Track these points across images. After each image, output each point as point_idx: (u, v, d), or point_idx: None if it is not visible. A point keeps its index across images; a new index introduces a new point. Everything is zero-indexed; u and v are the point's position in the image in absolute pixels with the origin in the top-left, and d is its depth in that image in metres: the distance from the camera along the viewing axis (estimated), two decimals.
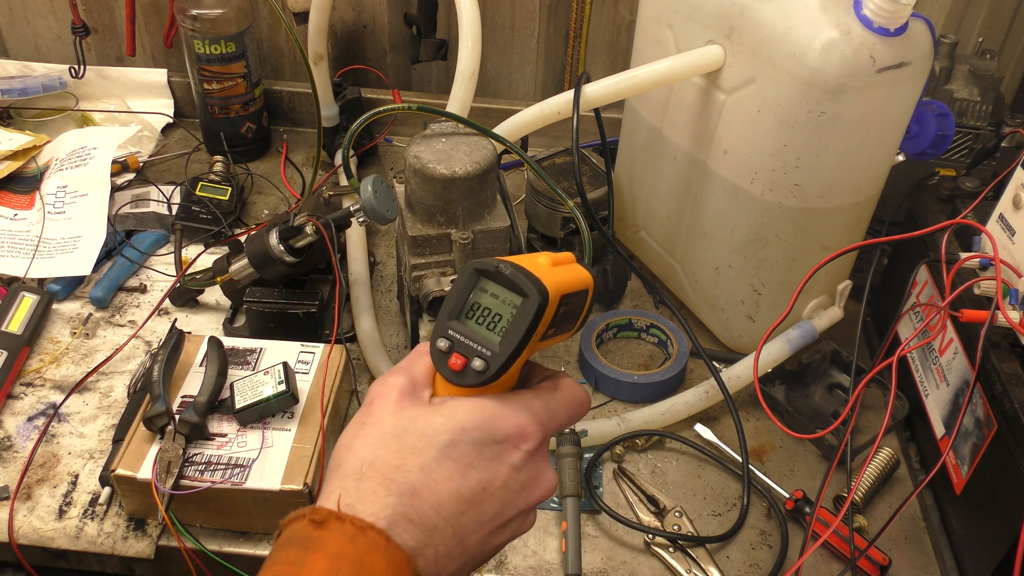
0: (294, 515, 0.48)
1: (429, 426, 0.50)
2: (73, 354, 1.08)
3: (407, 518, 0.47)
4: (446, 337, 0.51)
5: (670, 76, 0.96)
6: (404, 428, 0.50)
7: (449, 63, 1.42)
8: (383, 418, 0.51)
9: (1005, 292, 0.82)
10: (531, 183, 1.19)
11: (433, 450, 0.49)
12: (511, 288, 0.50)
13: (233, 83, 1.34)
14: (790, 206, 0.96)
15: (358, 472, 0.49)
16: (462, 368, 0.50)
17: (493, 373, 0.50)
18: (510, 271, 0.50)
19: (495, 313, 0.51)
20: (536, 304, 0.49)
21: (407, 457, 0.49)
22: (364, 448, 0.50)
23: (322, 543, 0.46)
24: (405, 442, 0.49)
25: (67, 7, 1.38)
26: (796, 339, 1.04)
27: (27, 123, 1.42)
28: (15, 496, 0.90)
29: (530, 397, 0.53)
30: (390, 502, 0.47)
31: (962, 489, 0.89)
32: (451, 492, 0.49)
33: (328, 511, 0.47)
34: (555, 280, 0.51)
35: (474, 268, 0.52)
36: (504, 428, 0.50)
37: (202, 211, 1.24)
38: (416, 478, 0.48)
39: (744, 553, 0.91)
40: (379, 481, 0.48)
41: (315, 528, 0.46)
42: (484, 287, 0.51)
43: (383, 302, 1.18)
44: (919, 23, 0.88)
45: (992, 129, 1.15)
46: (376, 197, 0.94)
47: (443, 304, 0.52)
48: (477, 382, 0.50)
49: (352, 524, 0.46)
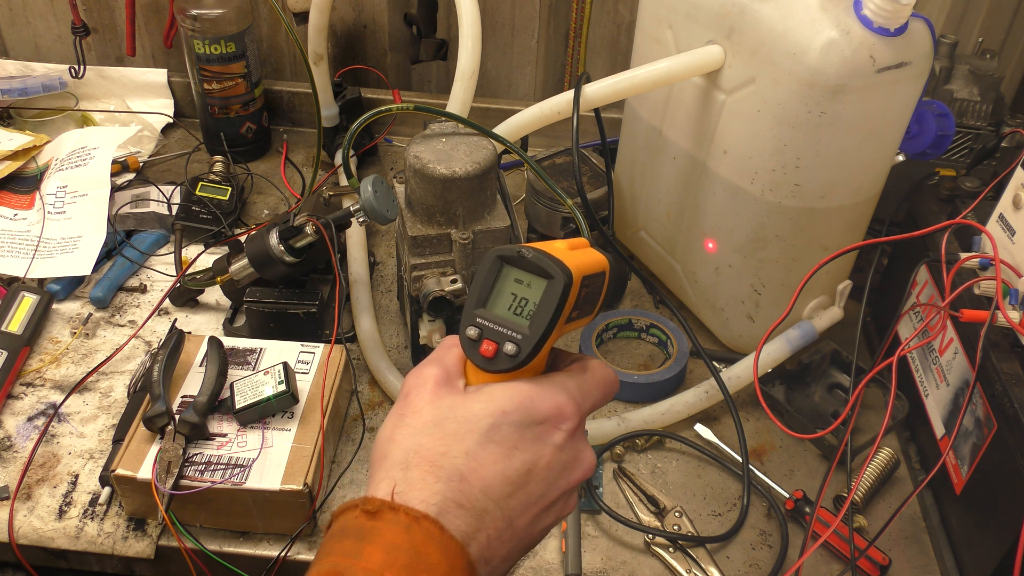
0: (346, 505, 0.48)
1: (469, 412, 0.50)
2: (73, 354, 1.08)
3: (457, 503, 0.47)
4: (475, 325, 0.52)
5: (670, 76, 0.96)
6: (444, 416, 0.51)
7: (449, 63, 1.42)
8: (422, 408, 0.51)
9: (1005, 292, 0.82)
10: (531, 183, 1.19)
11: (476, 435, 0.49)
12: (535, 271, 0.51)
13: (233, 83, 1.34)
14: (790, 206, 0.96)
15: (404, 461, 0.49)
16: (494, 354, 0.51)
17: (525, 356, 0.51)
18: (533, 255, 0.51)
19: (521, 298, 0.52)
20: (562, 284, 0.50)
21: (451, 443, 0.49)
22: (407, 438, 0.50)
23: (377, 534, 0.46)
24: (447, 429, 0.50)
25: (67, 7, 1.38)
26: (796, 339, 1.04)
27: (27, 123, 1.42)
28: (15, 496, 0.90)
29: (564, 378, 0.54)
30: (439, 488, 0.48)
31: (962, 489, 0.89)
32: (497, 475, 0.49)
33: (381, 501, 0.47)
34: (576, 262, 0.52)
35: (496, 255, 0.53)
36: (543, 409, 0.51)
37: (202, 211, 1.24)
38: (462, 463, 0.49)
39: (744, 553, 0.91)
40: (426, 468, 0.48)
41: (368, 519, 0.47)
42: (507, 274, 0.53)
43: (383, 302, 1.18)
44: (919, 23, 0.88)
45: (992, 129, 1.14)
46: (376, 197, 0.94)
47: (468, 294, 0.53)
48: (510, 366, 0.51)
49: (406, 514, 0.46)
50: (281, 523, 0.87)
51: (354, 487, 0.94)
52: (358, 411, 1.02)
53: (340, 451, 0.98)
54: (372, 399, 1.04)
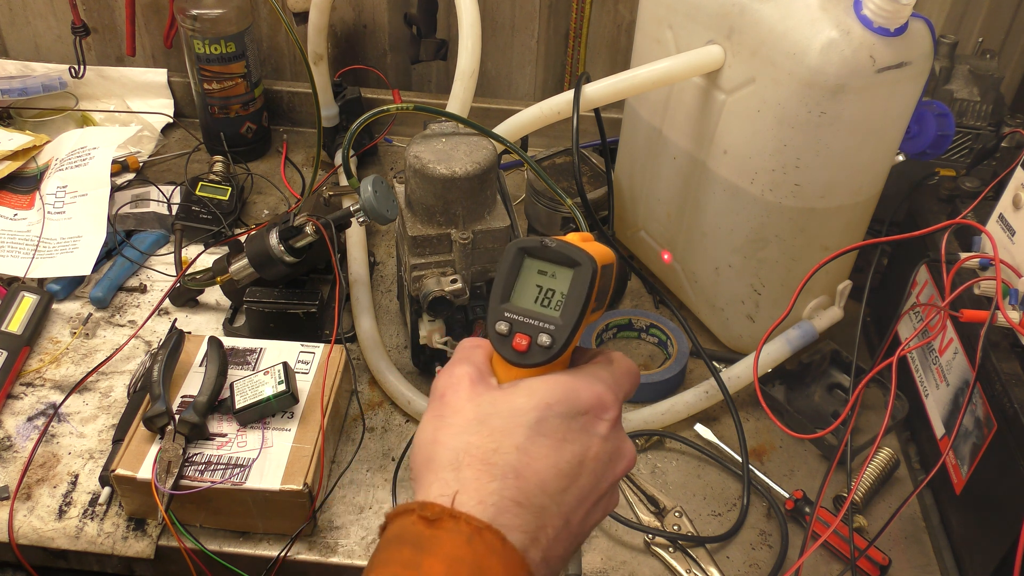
0: (401, 509, 0.46)
1: (513, 406, 0.49)
2: (73, 354, 1.08)
3: (515, 501, 0.46)
4: (504, 320, 0.51)
5: (670, 76, 0.96)
6: (488, 412, 0.49)
7: (449, 63, 1.42)
8: (462, 407, 0.50)
9: (1005, 292, 0.82)
10: (531, 183, 1.19)
11: (524, 429, 0.48)
12: (560, 261, 0.51)
13: (233, 83, 1.34)
14: (790, 206, 0.96)
15: (454, 462, 0.47)
16: (527, 347, 0.50)
17: (560, 346, 0.50)
18: (556, 244, 0.51)
19: (547, 289, 0.51)
20: (590, 271, 0.50)
21: (500, 439, 0.48)
22: (452, 438, 0.49)
23: (437, 544, 0.44)
24: (493, 425, 0.48)
25: (67, 7, 1.38)
26: (796, 339, 1.04)
27: (27, 123, 1.42)
28: (15, 496, 0.90)
29: (596, 368, 0.53)
30: (494, 487, 0.46)
31: (962, 489, 0.89)
32: (550, 468, 0.48)
33: (441, 508, 0.45)
34: (592, 252, 0.52)
35: (518, 248, 0.52)
36: (586, 399, 0.50)
37: (202, 211, 1.24)
38: (515, 459, 0.47)
39: (744, 553, 0.91)
40: (478, 468, 0.47)
41: (427, 526, 0.45)
42: (530, 266, 0.52)
43: (383, 302, 1.18)
44: (919, 23, 0.88)
45: (992, 129, 1.14)
46: (376, 197, 0.94)
47: (492, 289, 0.53)
48: (545, 359, 0.50)
49: (468, 524, 0.44)
50: (281, 523, 0.87)
51: (354, 487, 0.94)
52: (358, 411, 1.02)
53: (340, 451, 0.98)
54: (372, 399, 1.04)
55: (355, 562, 0.87)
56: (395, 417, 1.02)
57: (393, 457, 0.97)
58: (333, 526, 0.90)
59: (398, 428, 1.01)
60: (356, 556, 0.88)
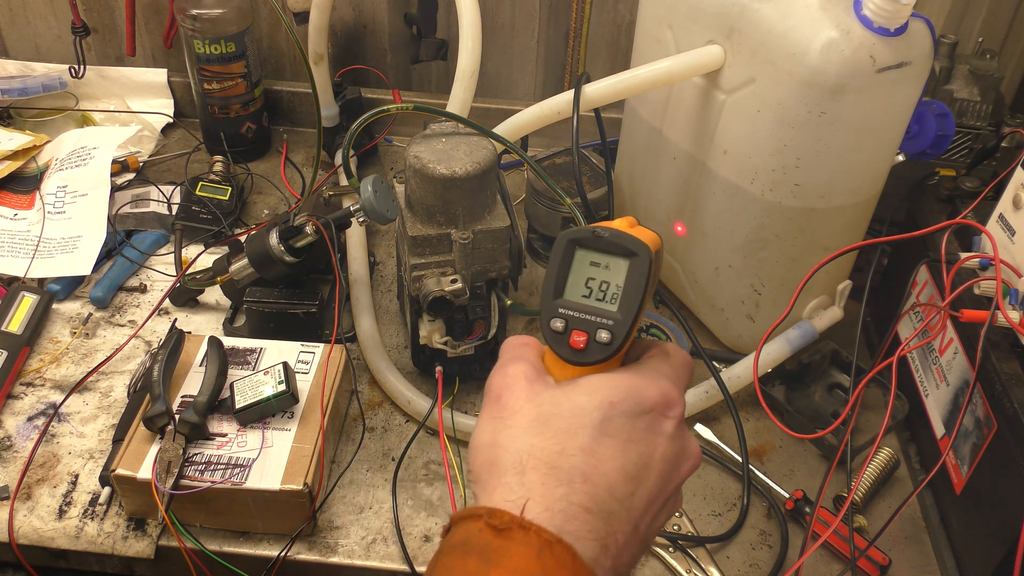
0: (467, 513, 0.45)
1: (575, 406, 0.47)
2: (73, 354, 1.08)
3: (584, 507, 0.44)
4: (559, 316, 0.49)
5: (670, 76, 0.96)
6: (550, 412, 0.47)
7: (449, 63, 1.42)
8: (521, 407, 0.48)
9: (1005, 292, 0.82)
10: (531, 183, 1.19)
11: (588, 429, 0.46)
12: (614, 252, 0.49)
13: (233, 83, 1.34)
14: (790, 206, 0.96)
15: (518, 465, 0.45)
16: (585, 344, 0.48)
17: (620, 342, 0.48)
18: (609, 234, 0.49)
19: (601, 282, 0.49)
20: (648, 261, 0.48)
21: (564, 441, 0.45)
22: (513, 440, 0.47)
23: (505, 556, 0.42)
24: (556, 426, 0.46)
25: (67, 7, 1.38)
26: (796, 339, 1.04)
27: (27, 123, 1.42)
28: (15, 496, 0.90)
29: (656, 363, 0.50)
30: (561, 493, 0.44)
31: (962, 489, 0.89)
32: (618, 471, 0.45)
33: (510, 517, 0.43)
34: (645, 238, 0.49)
35: (569, 239, 0.50)
36: (651, 396, 0.48)
37: (202, 211, 1.24)
38: (581, 461, 0.45)
39: (744, 553, 0.91)
40: (543, 471, 0.45)
41: (495, 535, 0.43)
42: (582, 258, 0.50)
43: (383, 302, 1.18)
44: (919, 23, 0.88)
45: (992, 129, 1.14)
46: (376, 197, 0.94)
47: (543, 284, 0.51)
48: (604, 355, 0.48)
49: (538, 536, 0.42)
50: (281, 523, 0.87)
51: (354, 487, 0.94)
52: (358, 411, 1.02)
53: (340, 451, 0.98)
54: (372, 399, 1.04)
55: (355, 562, 0.87)
56: (395, 417, 1.02)
57: (393, 457, 0.97)
58: (333, 526, 0.90)
59: (398, 428, 1.01)
60: (356, 556, 0.88)
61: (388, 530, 0.90)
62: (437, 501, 0.93)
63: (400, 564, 0.87)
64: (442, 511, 0.92)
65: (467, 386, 1.06)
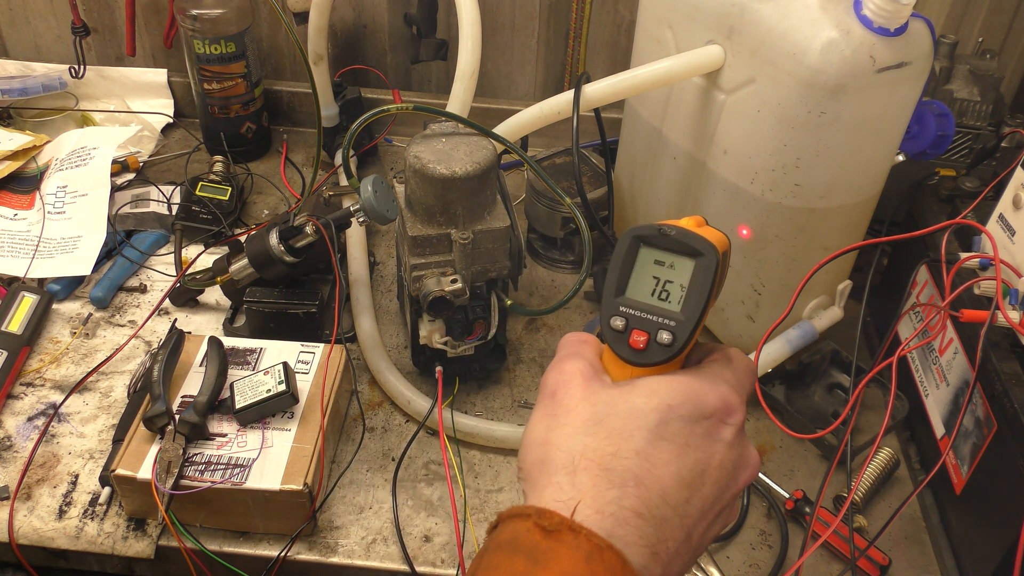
0: (516, 511, 0.44)
1: (632, 407, 0.46)
2: (73, 354, 1.08)
3: (636, 512, 0.43)
4: (620, 315, 0.48)
5: (670, 76, 0.96)
6: (605, 412, 0.46)
7: (449, 63, 1.42)
8: (576, 406, 0.47)
9: (1005, 292, 0.82)
10: (531, 183, 1.19)
11: (644, 432, 0.45)
12: (680, 251, 0.48)
13: (233, 83, 1.34)
14: (790, 206, 0.96)
15: (569, 465, 0.44)
16: (646, 345, 0.47)
17: (682, 344, 0.47)
18: (676, 232, 0.48)
19: (665, 281, 0.48)
20: (715, 262, 0.47)
21: (619, 442, 0.44)
22: (566, 439, 0.46)
23: (553, 558, 0.41)
24: (611, 427, 0.45)
25: (67, 7, 1.38)
26: (796, 339, 1.04)
27: (27, 123, 1.42)
28: (15, 496, 0.90)
29: (718, 368, 0.49)
30: (613, 495, 0.43)
31: (962, 489, 0.89)
32: (672, 476, 0.44)
33: (560, 518, 0.42)
34: (713, 239, 0.48)
35: (634, 236, 0.49)
36: (711, 402, 0.47)
37: (202, 211, 1.24)
38: (635, 464, 0.44)
39: (744, 553, 0.91)
40: (596, 473, 0.44)
41: (544, 536, 0.42)
42: (647, 256, 0.49)
43: (383, 302, 1.18)
44: (919, 23, 0.87)
45: (992, 129, 1.14)
46: (376, 197, 0.94)
47: (606, 281, 0.49)
48: (664, 357, 0.47)
49: (588, 540, 0.41)
50: (281, 523, 0.87)
51: (354, 487, 0.94)
52: (358, 411, 1.02)
53: (340, 451, 0.98)
54: (372, 399, 1.04)
55: (355, 562, 0.87)
56: (395, 417, 1.02)
57: (393, 457, 0.98)
58: (333, 526, 0.90)
59: (398, 428, 1.01)
60: (356, 556, 0.88)
61: (388, 530, 0.90)
62: (437, 501, 0.93)
63: (400, 564, 0.87)
64: (442, 511, 0.92)
65: (467, 386, 1.06)
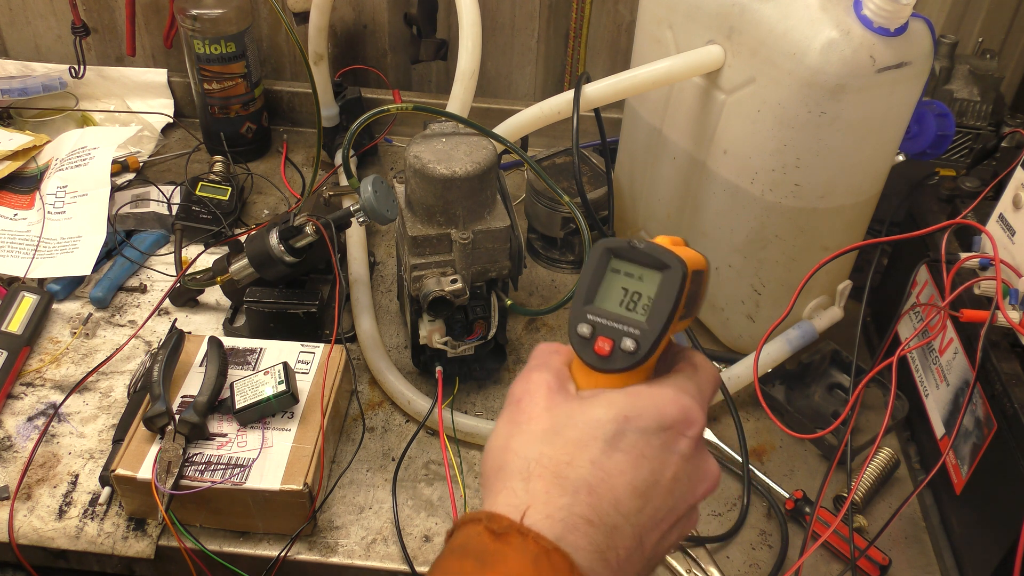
0: (470, 517, 0.45)
1: (590, 418, 0.47)
2: (73, 354, 1.08)
3: (586, 519, 0.44)
4: (586, 322, 0.49)
5: (670, 76, 0.96)
6: (563, 423, 0.47)
7: (449, 63, 1.42)
8: (537, 415, 0.48)
9: (1005, 292, 0.82)
10: (531, 183, 1.19)
11: (600, 442, 0.46)
12: (648, 263, 0.49)
13: (233, 83, 1.34)
14: (790, 206, 0.96)
15: (524, 471, 0.46)
16: (610, 352, 0.48)
17: (645, 352, 0.48)
18: (645, 246, 0.49)
19: (633, 292, 0.49)
20: (680, 274, 0.48)
21: (574, 452, 0.46)
22: (525, 446, 0.47)
23: (500, 560, 0.42)
24: (568, 436, 0.47)
25: (67, 7, 1.38)
26: (796, 339, 1.04)
27: (27, 123, 1.42)
28: (15, 496, 0.90)
29: (681, 379, 0.50)
30: (564, 502, 0.44)
31: (962, 489, 0.89)
32: (626, 486, 0.45)
33: (509, 522, 0.43)
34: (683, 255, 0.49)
35: (604, 248, 0.50)
36: (670, 414, 0.47)
37: (202, 211, 1.24)
38: (588, 473, 0.45)
39: (744, 553, 0.91)
40: (549, 480, 0.45)
41: (493, 539, 0.43)
42: (617, 267, 0.50)
43: (383, 302, 1.18)
44: (919, 23, 0.88)
45: (992, 129, 1.15)
46: (376, 197, 0.94)
47: (576, 290, 0.51)
48: (627, 364, 0.48)
49: (536, 543, 0.42)
50: (281, 523, 0.87)
51: (354, 487, 0.94)
52: (358, 411, 1.02)
53: (340, 451, 0.98)
54: (372, 399, 1.04)
55: (355, 562, 0.87)
56: (395, 417, 1.02)
57: (393, 457, 0.98)
58: (333, 526, 0.90)
59: (398, 428, 1.01)
60: (356, 556, 0.88)
61: (388, 530, 0.90)
62: (437, 501, 0.93)
63: (400, 564, 0.87)
64: (442, 511, 0.92)
65: (467, 386, 1.06)
